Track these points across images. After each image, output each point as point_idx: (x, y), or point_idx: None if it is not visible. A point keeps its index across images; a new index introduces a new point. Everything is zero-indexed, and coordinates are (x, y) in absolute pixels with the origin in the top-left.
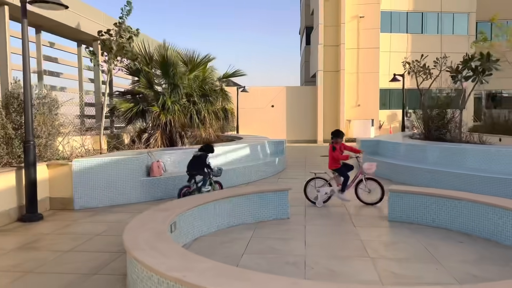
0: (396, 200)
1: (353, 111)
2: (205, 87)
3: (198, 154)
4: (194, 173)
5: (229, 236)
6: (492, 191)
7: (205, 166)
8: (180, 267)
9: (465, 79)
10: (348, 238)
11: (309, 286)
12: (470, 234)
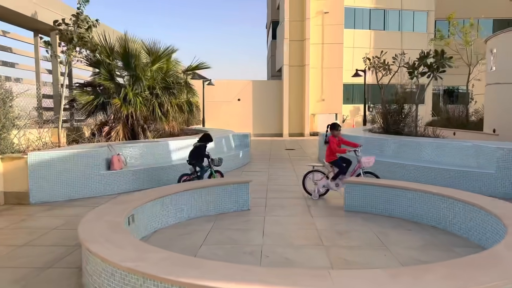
0: (352, 191)
1: (318, 105)
2: (169, 79)
3: (197, 145)
4: (194, 162)
5: (189, 228)
6: (443, 182)
7: (204, 156)
8: (134, 258)
9: (421, 75)
10: (305, 227)
11: (258, 272)
12: (419, 222)
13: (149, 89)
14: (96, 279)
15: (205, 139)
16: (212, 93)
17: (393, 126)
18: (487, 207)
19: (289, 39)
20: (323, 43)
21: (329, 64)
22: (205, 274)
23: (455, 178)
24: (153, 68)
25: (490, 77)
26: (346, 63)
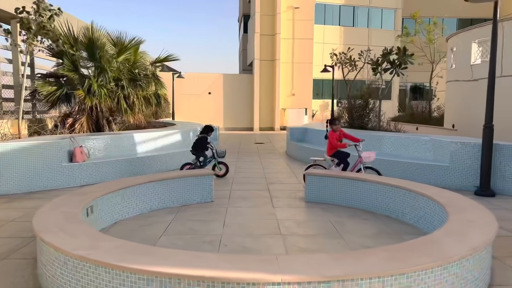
0: (312, 182)
1: (288, 100)
2: (135, 71)
3: (199, 136)
4: (196, 152)
5: (150, 219)
6: (402, 174)
7: (205, 147)
8: (87, 246)
9: (384, 71)
10: (265, 218)
11: (209, 258)
12: (375, 212)
13: (114, 81)
14: (49, 268)
15: (206, 130)
16: (182, 86)
17: (357, 121)
18: (434, 196)
19: (260, 33)
20: (294, 38)
21: (299, 59)
22: (158, 261)
23: (413, 171)
24: (119, 59)
25: (450, 75)
26: (316, 59)
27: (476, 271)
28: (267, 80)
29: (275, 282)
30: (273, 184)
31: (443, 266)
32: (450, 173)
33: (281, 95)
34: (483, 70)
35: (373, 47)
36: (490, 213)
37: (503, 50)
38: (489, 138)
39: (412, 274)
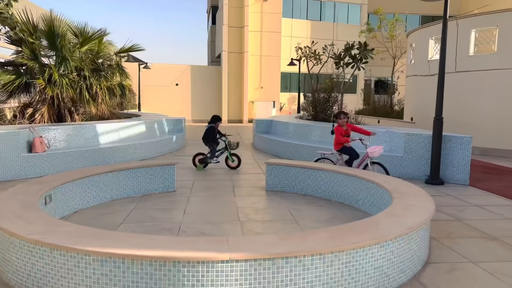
0: (272, 172)
1: (256, 92)
2: (99, 61)
3: (207, 127)
4: (206, 143)
5: (110, 208)
6: None
7: (214, 137)
8: (43, 231)
9: (346, 66)
10: (226, 206)
11: (162, 240)
12: (330, 199)
13: (77, 71)
14: (5, 254)
15: (213, 120)
16: (149, 77)
17: (321, 114)
18: (382, 183)
19: (228, 25)
20: (262, 31)
21: (267, 52)
22: (112, 243)
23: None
24: (82, 49)
25: (409, 70)
26: (284, 52)
27: (412, 249)
28: (236, 72)
29: (223, 260)
30: (236, 175)
31: (380, 244)
32: (403, 163)
33: (250, 88)
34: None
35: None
36: (430, 198)
37: (457, 47)
38: (439, 129)
39: (351, 251)
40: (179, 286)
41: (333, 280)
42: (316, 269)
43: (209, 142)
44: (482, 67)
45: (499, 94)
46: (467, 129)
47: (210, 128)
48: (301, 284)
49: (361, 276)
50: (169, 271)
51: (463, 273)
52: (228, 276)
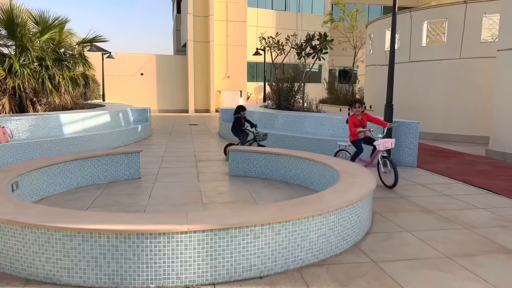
0: (235, 158)
1: (223, 82)
2: (60, 51)
3: (234, 118)
4: (235, 134)
5: (77, 195)
6: (318, 149)
7: (241, 127)
8: (14, 212)
9: (307, 56)
10: (190, 190)
11: (127, 217)
12: (289, 182)
13: (38, 60)
14: None
15: (238, 110)
16: (113, 67)
17: (284, 103)
18: (333, 165)
19: (193, 14)
20: (227, 20)
21: (233, 41)
22: (80, 220)
23: (328, 146)
24: (43, 38)
25: (368, 59)
26: (250, 42)
27: (352, 220)
28: (202, 61)
29: (182, 231)
30: (201, 162)
31: (323, 215)
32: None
33: (216, 77)
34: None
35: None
36: (373, 177)
37: (411, 38)
38: (389, 115)
39: (296, 221)
40: (143, 257)
41: (281, 247)
42: (265, 237)
43: (237, 133)
44: (433, 57)
45: (448, 83)
46: (420, 115)
47: (237, 119)
48: (253, 251)
49: (306, 243)
50: (133, 243)
51: (398, 240)
52: (187, 246)
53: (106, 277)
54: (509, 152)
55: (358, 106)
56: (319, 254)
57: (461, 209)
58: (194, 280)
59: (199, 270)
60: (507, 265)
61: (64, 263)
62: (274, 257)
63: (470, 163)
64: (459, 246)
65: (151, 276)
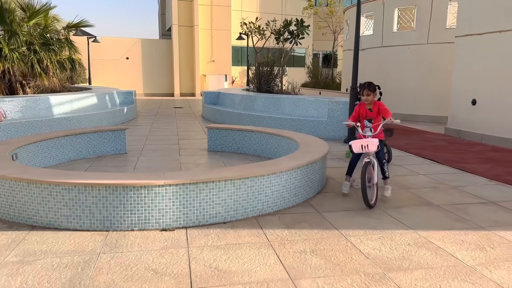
0: (213, 135)
1: (208, 66)
2: (47, 35)
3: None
4: None
5: (69, 166)
6: (295, 129)
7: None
8: (20, 173)
9: (285, 41)
10: (171, 162)
11: (113, 175)
12: (261, 156)
13: (26, 45)
14: None
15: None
16: (99, 51)
17: (264, 86)
18: (296, 139)
19: None
20: (212, 4)
21: (218, 26)
22: (75, 177)
23: (302, 125)
24: (30, 23)
25: (346, 44)
26: (235, 26)
27: (303, 180)
28: (187, 46)
29: (159, 184)
30: (183, 140)
31: (276, 174)
32: (327, 127)
33: (201, 61)
34: (369, 41)
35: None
36: (326, 146)
37: (384, 24)
38: (354, 97)
39: (253, 178)
40: (128, 205)
41: (241, 199)
42: (228, 190)
43: None
44: (403, 43)
45: (416, 67)
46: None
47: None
48: (218, 201)
49: (262, 196)
50: (119, 194)
51: (343, 198)
52: (163, 196)
53: (98, 222)
54: (463, 130)
55: (367, 93)
56: (274, 206)
57: (404, 175)
58: (170, 224)
59: (173, 216)
60: (424, 214)
61: (63, 211)
62: (236, 207)
63: (427, 140)
64: (392, 201)
65: (134, 221)
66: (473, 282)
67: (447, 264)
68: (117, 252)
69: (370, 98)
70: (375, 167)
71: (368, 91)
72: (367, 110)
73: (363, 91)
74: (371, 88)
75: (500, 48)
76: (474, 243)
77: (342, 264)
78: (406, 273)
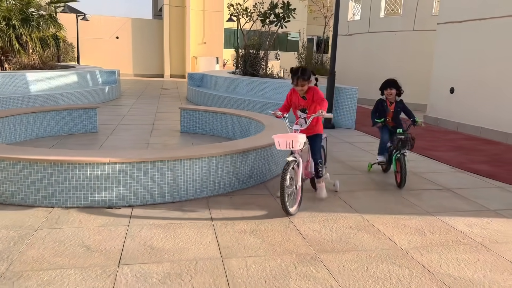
0: (186, 116)
1: (200, 48)
2: (28, 11)
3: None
4: None
5: (35, 143)
6: None
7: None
8: None
9: (270, 24)
10: (139, 142)
11: (61, 151)
12: (232, 138)
13: (5, 20)
14: None
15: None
16: (88, 29)
17: (250, 69)
18: (265, 122)
19: None
20: None
21: (210, 7)
22: (22, 153)
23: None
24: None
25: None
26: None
27: (260, 162)
28: (178, 27)
29: (105, 162)
30: (159, 121)
31: (230, 155)
32: None
33: (193, 43)
34: (357, 27)
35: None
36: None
37: (371, 9)
38: (331, 82)
39: (205, 158)
40: (73, 182)
41: (192, 179)
42: (177, 170)
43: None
44: (389, 29)
45: (402, 53)
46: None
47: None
48: (167, 181)
49: (214, 177)
50: (65, 171)
51: None
52: (109, 174)
53: (43, 198)
54: (441, 118)
55: (301, 83)
56: (227, 187)
57: (368, 161)
58: (116, 202)
59: (120, 194)
60: (376, 198)
61: (8, 187)
62: (186, 187)
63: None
64: (348, 185)
65: (80, 198)
66: (401, 265)
67: (381, 247)
68: (55, 228)
69: (305, 88)
70: (300, 167)
71: (303, 81)
72: (300, 98)
73: (297, 81)
74: (305, 76)
75: (479, 37)
76: (415, 228)
77: (278, 244)
78: (338, 254)
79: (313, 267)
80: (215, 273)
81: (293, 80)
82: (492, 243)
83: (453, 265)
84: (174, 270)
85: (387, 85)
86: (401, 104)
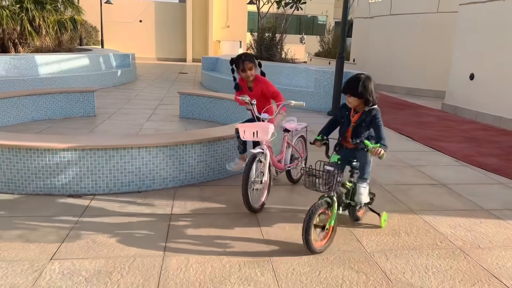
0: (184, 101)
1: (223, 32)
2: None
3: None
4: None
5: (28, 126)
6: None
7: None
8: None
9: (285, 5)
10: (132, 127)
11: (23, 136)
12: (227, 123)
13: (17, 3)
14: None
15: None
16: (111, 13)
17: (265, 53)
18: None
19: None
20: None
21: None
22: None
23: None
24: None
25: (356, 12)
26: None
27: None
28: (201, 10)
29: (64, 148)
30: (163, 105)
31: (203, 144)
32: (314, 97)
33: (216, 27)
34: (378, 9)
35: None
36: None
37: None
38: (340, 66)
39: (174, 147)
40: (32, 169)
41: (158, 168)
42: (143, 158)
43: None
44: (412, 11)
45: (424, 37)
46: (397, 70)
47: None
48: (131, 169)
49: (185, 166)
50: (23, 157)
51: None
52: (69, 161)
53: (3, 184)
54: (459, 106)
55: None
56: (200, 177)
57: None
58: (78, 190)
59: (81, 182)
60: None
61: None
62: (152, 176)
63: (419, 115)
64: None
65: (39, 185)
66: (358, 270)
67: (344, 249)
68: (3, 216)
69: (253, 73)
70: (268, 159)
71: (250, 63)
72: (246, 88)
73: (243, 65)
74: (252, 58)
75: (502, 18)
76: (391, 228)
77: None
78: (293, 256)
79: (259, 269)
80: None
81: (239, 65)
82: (473, 248)
83: (419, 273)
84: (106, 268)
85: (345, 89)
86: (370, 116)
